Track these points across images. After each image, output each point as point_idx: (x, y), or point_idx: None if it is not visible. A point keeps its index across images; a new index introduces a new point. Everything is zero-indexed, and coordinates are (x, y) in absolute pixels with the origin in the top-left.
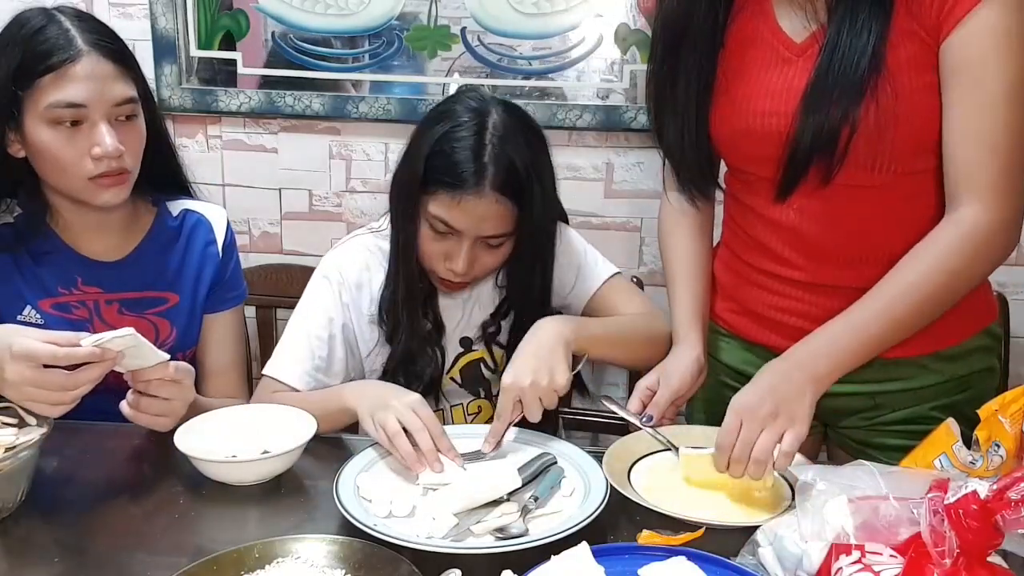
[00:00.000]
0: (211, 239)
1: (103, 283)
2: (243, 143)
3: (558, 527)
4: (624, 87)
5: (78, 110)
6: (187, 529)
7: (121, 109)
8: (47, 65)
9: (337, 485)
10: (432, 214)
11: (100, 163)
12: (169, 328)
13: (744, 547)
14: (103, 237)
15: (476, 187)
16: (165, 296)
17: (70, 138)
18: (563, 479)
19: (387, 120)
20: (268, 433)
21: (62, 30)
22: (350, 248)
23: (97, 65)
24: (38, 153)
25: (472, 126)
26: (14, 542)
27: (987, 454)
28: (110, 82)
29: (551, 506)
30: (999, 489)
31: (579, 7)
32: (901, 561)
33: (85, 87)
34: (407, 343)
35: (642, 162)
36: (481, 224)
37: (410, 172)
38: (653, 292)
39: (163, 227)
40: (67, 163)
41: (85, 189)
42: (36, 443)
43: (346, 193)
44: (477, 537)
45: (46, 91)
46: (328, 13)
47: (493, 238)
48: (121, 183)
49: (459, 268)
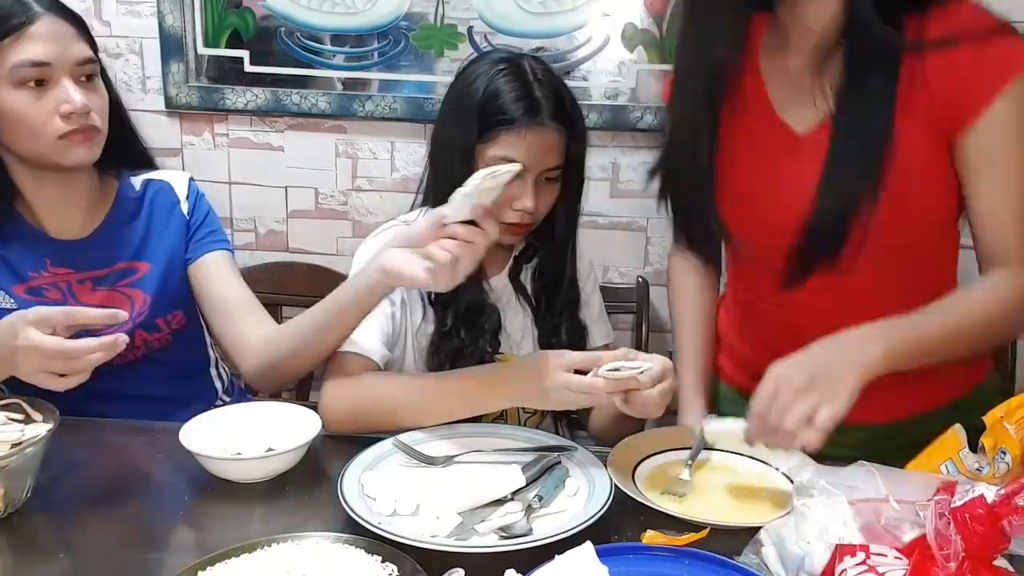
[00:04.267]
0: (174, 200)
1: (72, 262)
2: (249, 141)
3: (562, 526)
4: (631, 87)
5: (42, 69)
6: (192, 526)
7: (83, 68)
8: (5, 29)
9: (341, 483)
10: (495, 156)
11: (70, 120)
12: (143, 297)
13: (747, 547)
14: (68, 214)
15: (537, 119)
16: (135, 267)
17: (37, 98)
18: (567, 479)
19: (393, 119)
20: (273, 431)
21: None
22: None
23: (55, 24)
24: (5, 118)
25: (512, 70)
26: (19, 538)
27: (994, 461)
28: (70, 41)
29: (555, 505)
30: (1006, 494)
31: (586, 7)
32: (906, 563)
33: (46, 46)
34: (471, 297)
35: (648, 162)
36: (544, 157)
37: (462, 130)
38: (659, 292)
39: (126, 199)
40: (36, 123)
41: (56, 149)
42: (42, 439)
43: (352, 191)
44: (481, 536)
45: (7, 53)
46: (335, 11)
47: (552, 170)
48: (91, 139)
49: (530, 205)
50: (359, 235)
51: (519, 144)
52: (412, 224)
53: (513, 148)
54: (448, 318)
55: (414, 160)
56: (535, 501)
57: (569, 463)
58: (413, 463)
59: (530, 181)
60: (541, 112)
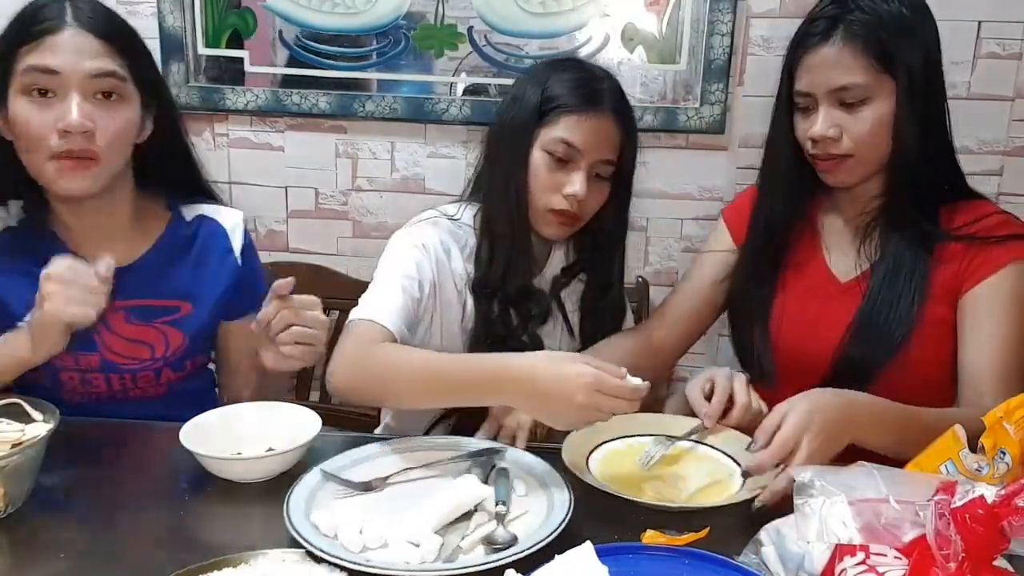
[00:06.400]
0: (227, 247)
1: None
2: (250, 141)
3: (539, 526)
4: (630, 87)
5: (49, 77)
6: (192, 526)
7: (98, 83)
8: (29, 33)
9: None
10: (553, 138)
11: (66, 139)
12: (181, 337)
13: (747, 547)
14: (107, 243)
15: (599, 105)
16: (176, 305)
17: (40, 109)
18: (514, 478)
19: (393, 119)
20: (273, 431)
21: (60, 7)
22: (426, 225)
23: (78, 36)
24: (13, 129)
25: (577, 66)
26: (19, 538)
27: (993, 461)
28: (89, 54)
29: (517, 507)
30: (1006, 495)
31: (586, 6)
32: (906, 563)
33: (61, 55)
34: (520, 282)
35: (648, 162)
36: (600, 145)
37: (522, 113)
38: (659, 293)
39: (176, 234)
40: (34, 137)
41: (46, 171)
42: (42, 439)
43: (352, 191)
44: (469, 553)
45: (24, 56)
46: (335, 12)
47: (605, 165)
48: (85, 169)
49: (579, 189)
50: (359, 235)
51: (578, 127)
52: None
53: (569, 129)
54: (495, 304)
55: (414, 160)
56: (501, 507)
57: (502, 463)
58: (350, 492)
59: (583, 168)
60: (603, 100)
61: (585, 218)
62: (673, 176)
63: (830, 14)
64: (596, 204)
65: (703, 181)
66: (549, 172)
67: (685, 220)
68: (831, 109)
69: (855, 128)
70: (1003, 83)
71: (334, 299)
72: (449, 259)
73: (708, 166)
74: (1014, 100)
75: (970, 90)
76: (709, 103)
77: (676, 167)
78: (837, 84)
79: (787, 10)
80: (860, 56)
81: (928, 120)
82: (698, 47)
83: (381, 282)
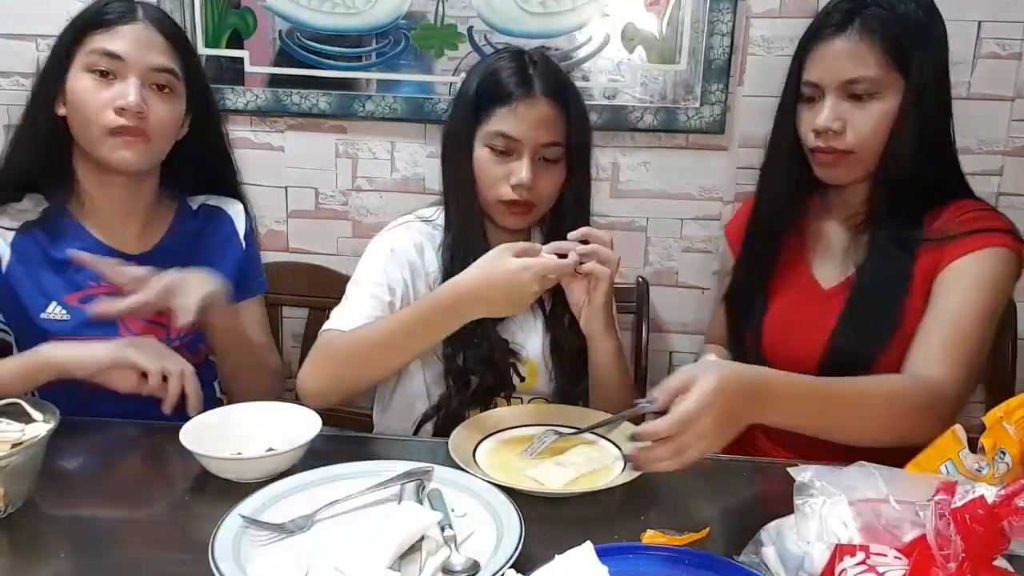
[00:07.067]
0: (232, 230)
1: None
2: (250, 141)
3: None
4: (631, 87)
5: (113, 60)
6: (191, 526)
7: (157, 76)
8: (101, 20)
9: None
10: (490, 132)
11: (122, 116)
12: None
13: (747, 547)
14: (128, 226)
15: (528, 93)
16: None
17: (100, 87)
18: (447, 499)
19: (394, 119)
20: (273, 431)
21: (132, 5)
22: (399, 230)
23: (146, 32)
24: (71, 103)
25: (513, 55)
26: (20, 538)
27: (993, 462)
28: (154, 48)
29: (461, 528)
30: (1006, 495)
31: (586, 6)
32: (906, 563)
33: (128, 43)
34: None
35: (648, 162)
36: (537, 130)
37: (462, 112)
38: (659, 292)
39: (185, 221)
40: (91, 111)
41: (102, 142)
42: (42, 439)
43: (352, 192)
44: None
45: (92, 40)
46: (335, 12)
47: (550, 147)
48: (138, 142)
49: (524, 176)
50: (359, 235)
51: (510, 116)
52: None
53: (502, 121)
54: (458, 355)
55: (414, 160)
56: (448, 530)
57: (431, 484)
58: (275, 536)
59: (525, 156)
60: (533, 87)
61: (541, 204)
62: (673, 176)
63: (846, 7)
64: (550, 188)
65: (703, 181)
66: (494, 165)
67: (685, 220)
68: (838, 101)
69: (859, 123)
70: (1003, 83)
71: (334, 299)
72: (423, 259)
73: (708, 166)
74: (1014, 100)
75: (970, 90)
76: (709, 103)
77: (676, 167)
78: (849, 76)
79: (787, 10)
80: (875, 50)
81: (929, 123)
82: (698, 47)
83: (350, 293)
